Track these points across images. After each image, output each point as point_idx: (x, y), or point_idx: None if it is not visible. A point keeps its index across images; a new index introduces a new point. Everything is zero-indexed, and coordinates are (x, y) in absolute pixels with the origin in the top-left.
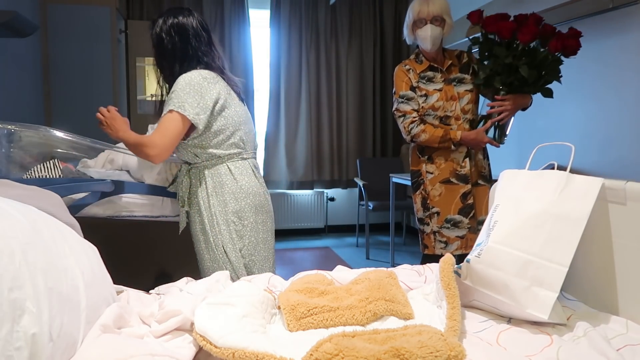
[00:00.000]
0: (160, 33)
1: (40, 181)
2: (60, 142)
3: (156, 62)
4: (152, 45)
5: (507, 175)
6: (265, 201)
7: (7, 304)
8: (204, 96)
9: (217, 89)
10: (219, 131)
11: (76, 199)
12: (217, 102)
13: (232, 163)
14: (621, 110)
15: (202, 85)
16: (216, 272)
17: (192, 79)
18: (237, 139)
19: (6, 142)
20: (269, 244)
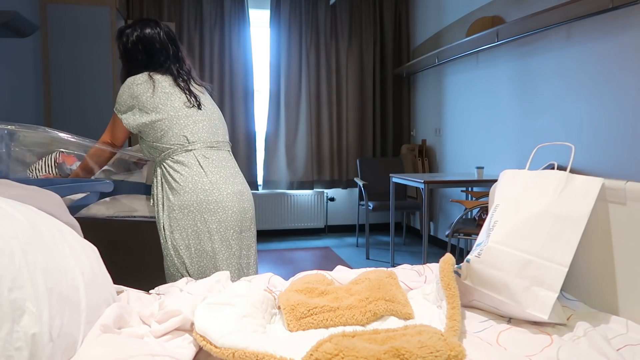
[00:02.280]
0: (127, 44)
1: (40, 181)
2: (60, 142)
3: (123, 72)
4: (119, 56)
5: (507, 175)
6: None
7: (7, 304)
8: (132, 97)
9: (145, 90)
10: (158, 127)
11: (76, 199)
12: (146, 102)
13: (176, 156)
14: (621, 110)
15: (130, 88)
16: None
17: (125, 84)
18: (176, 132)
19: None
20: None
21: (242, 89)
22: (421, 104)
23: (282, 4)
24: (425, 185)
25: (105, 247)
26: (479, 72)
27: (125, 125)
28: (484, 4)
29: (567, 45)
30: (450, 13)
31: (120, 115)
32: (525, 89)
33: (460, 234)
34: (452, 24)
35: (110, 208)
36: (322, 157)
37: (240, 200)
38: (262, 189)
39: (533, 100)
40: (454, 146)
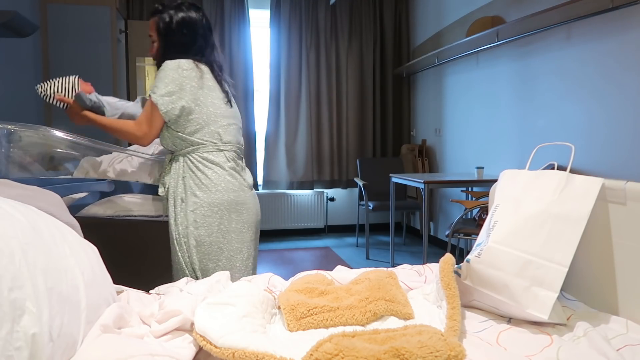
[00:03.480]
0: (171, 24)
1: (40, 181)
2: (60, 142)
3: (160, 52)
4: (159, 33)
5: (507, 175)
6: (228, 198)
7: (7, 304)
8: (175, 82)
9: (192, 79)
10: (193, 119)
11: (76, 199)
12: (193, 90)
13: (204, 153)
14: (621, 110)
15: (175, 73)
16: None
17: (167, 65)
18: (211, 130)
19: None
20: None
21: (242, 89)
22: (421, 104)
23: (282, 4)
24: (425, 185)
25: (105, 247)
26: (479, 72)
27: (164, 112)
28: (484, 4)
29: (567, 45)
30: (450, 13)
31: (158, 100)
32: (525, 89)
33: (460, 234)
34: (452, 24)
35: (110, 208)
36: (322, 157)
37: (257, 202)
38: (262, 189)
39: (533, 100)
40: (454, 146)
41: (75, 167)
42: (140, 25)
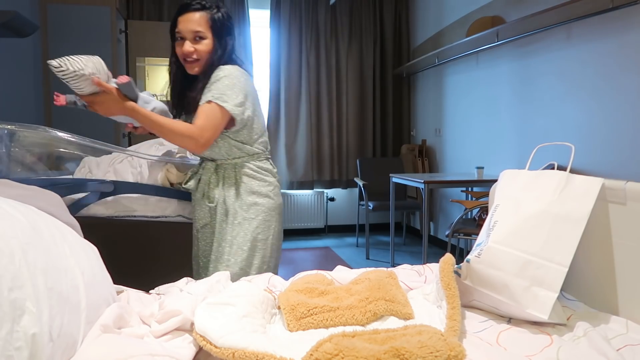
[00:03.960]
0: (226, 22)
1: (40, 181)
2: (60, 142)
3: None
4: (213, 31)
5: (507, 175)
6: (280, 202)
7: (7, 304)
8: (243, 92)
9: (251, 87)
10: (254, 129)
11: (76, 199)
12: (253, 100)
13: (258, 162)
14: (621, 110)
15: (241, 81)
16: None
17: (232, 72)
18: (264, 140)
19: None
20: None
21: None
22: (421, 104)
23: (282, 4)
24: (425, 185)
25: (105, 247)
26: (479, 72)
27: (239, 119)
28: (484, 4)
29: (567, 45)
30: (450, 13)
31: (228, 105)
32: (525, 89)
33: (460, 234)
34: (452, 24)
35: (110, 208)
36: (322, 157)
37: None
38: None
39: (533, 101)
40: (454, 146)
41: (75, 167)
42: (140, 26)
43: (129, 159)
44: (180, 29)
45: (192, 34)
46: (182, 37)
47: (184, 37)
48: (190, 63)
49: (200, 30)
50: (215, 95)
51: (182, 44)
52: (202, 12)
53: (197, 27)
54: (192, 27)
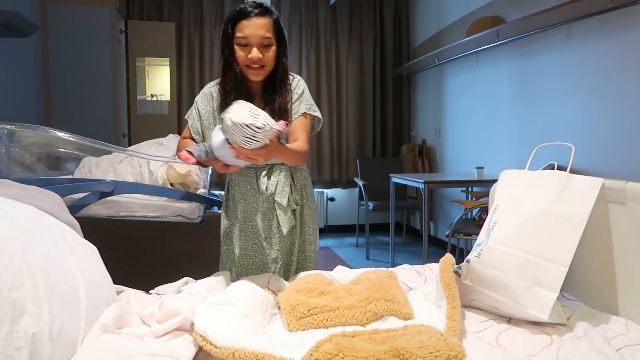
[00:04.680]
0: (281, 24)
1: (40, 181)
2: (60, 142)
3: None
4: (279, 37)
5: (507, 175)
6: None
7: (7, 304)
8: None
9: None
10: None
11: (76, 199)
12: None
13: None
14: (621, 110)
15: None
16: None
17: (303, 83)
18: None
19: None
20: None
21: None
22: (421, 104)
23: (282, 4)
24: (425, 185)
25: (105, 247)
26: (479, 72)
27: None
28: (484, 4)
29: (567, 45)
30: (450, 13)
31: (319, 114)
32: (525, 89)
33: (460, 234)
34: (452, 24)
35: (110, 208)
36: (322, 157)
37: None
38: None
39: (533, 101)
40: (454, 146)
41: (75, 167)
42: (140, 26)
43: (129, 159)
44: (247, 34)
45: (260, 40)
46: (248, 43)
47: (250, 43)
48: (255, 70)
49: (268, 36)
50: (307, 106)
51: (247, 49)
52: (268, 17)
53: (266, 32)
54: (261, 33)
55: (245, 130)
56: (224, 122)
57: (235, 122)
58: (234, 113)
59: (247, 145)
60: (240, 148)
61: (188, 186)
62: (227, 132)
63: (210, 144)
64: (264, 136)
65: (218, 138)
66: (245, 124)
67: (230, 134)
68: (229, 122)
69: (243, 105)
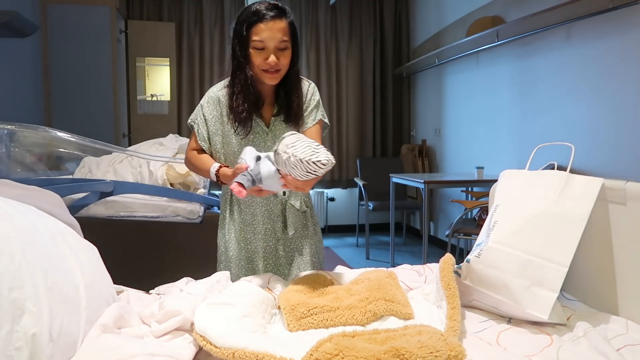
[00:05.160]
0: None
1: (40, 181)
2: (60, 141)
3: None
4: (294, 40)
5: (507, 175)
6: None
7: (7, 304)
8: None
9: None
10: None
11: (76, 199)
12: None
13: None
14: (621, 110)
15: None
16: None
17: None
18: None
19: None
20: None
21: None
22: (421, 104)
23: (282, 4)
24: (425, 185)
25: (105, 247)
26: (479, 72)
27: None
28: (484, 4)
29: (567, 45)
30: (450, 13)
31: (327, 119)
32: (526, 89)
33: (460, 234)
34: (452, 24)
35: (110, 208)
36: None
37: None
38: None
39: (533, 100)
40: (454, 146)
41: (75, 167)
42: (140, 26)
43: (129, 159)
44: (264, 38)
45: (278, 44)
46: (265, 47)
47: (267, 46)
48: (271, 74)
49: (285, 39)
50: (321, 113)
51: (264, 53)
52: (284, 20)
53: (283, 36)
54: (279, 37)
55: (310, 167)
56: (278, 155)
57: (300, 159)
58: (294, 148)
59: (304, 179)
60: (293, 180)
61: (188, 186)
62: (281, 165)
63: (258, 174)
64: (325, 171)
65: (269, 168)
66: (311, 161)
67: (290, 169)
68: (292, 158)
69: (300, 139)
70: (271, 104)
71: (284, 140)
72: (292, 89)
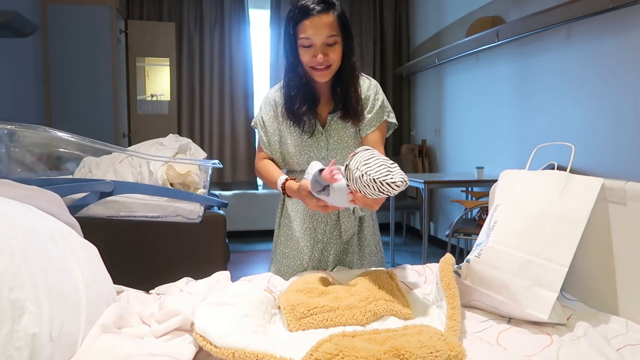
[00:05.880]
0: (345, 16)
1: (40, 181)
2: (60, 142)
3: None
4: (346, 35)
5: (507, 175)
6: None
7: (7, 304)
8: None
9: None
10: None
11: (76, 199)
12: None
13: None
14: (621, 110)
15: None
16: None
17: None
18: None
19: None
20: None
21: (241, 89)
22: (421, 104)
23: (282, 4)
24: (425, 185)
25: (105, 247)
26: (479, 72)
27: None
28: (484, 4)
29: (567, 45)
30: (450, 13)
31: (394, 119)
32: (525, 89)
33: (460, 234)
34: (452, 24)
35: (110, 208)
36: None
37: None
38: (262, 189)
39: (533, 100)
40: (454, 146)
41: (75, 167)
42: (140, 26)
43: (129, 159)
44: (309, 35)
45: (325, 40)
46: (312, 44)
47: (314, 43)
48: (321, 71)
49: (333, 34)
50: (387, 112)
51: (311, 50)
52: (330, 13)
53: (330, 31)
54: (326, 32)
55: (384, 188)
56: (350, 171)
57: (373, 179)
58: (367, 166)
59: (375, 197)
60: (363, 197)
61: (188, 186)
62: (352, 181)
63: (329, 186)
64: (398, 191)
65: (340, 183)
66: (385, 182)
67: (361, 186)
68: (364, 177)
69: (374, 156)
70: (328, 102)
71: (357, 156)
72: (348, 84)
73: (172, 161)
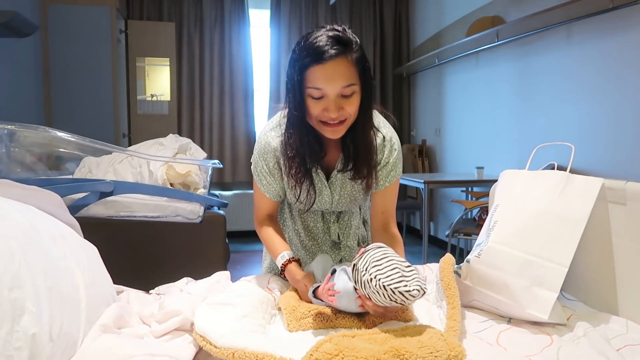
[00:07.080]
0: (365, 56)
1: (40, 181)
2: (60, 142)
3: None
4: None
5: (507, 175)
6: None
7: (7, 304)
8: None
9: None
10: None
11: (76, 199)
12: None
13: None
14: (621, 110)
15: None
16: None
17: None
18: None
19: (6, 142)
20: None
21: (242, 89)
22: (421, 104)
23: (282, 4)
24: (425, 185)
25: (105, 247)
26: (479, 72)
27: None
28: (484, 4)
29: (567, 45)
30: (450, 13)
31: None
32: (526, 89)
33: (460, 234)
34: (452, 24)
35: (110, 208)
36: None
37: None
38: None
39: (533, 100)
40: (454, 146)
41: (75, 167)
42: (140, 26)
43: (129, 159)
44: (321, 85)
45: (340, 91)
46: (324, 95)
47: (326, 94)
48: (333, 127)
49: (351, 82)
50: (398, 172)
51: (322, 102)
52: (348, 56)
53: (348, 80)
54: (342, 82)
55: (396, 297)
56: (358, 272)
57: (384, 285)
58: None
59: (387, 305)
60: (373, 305)
61: (188, 186)
62: (360, 284)
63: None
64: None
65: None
66: (398, 290)
67: (370, 292)
68: (374, 282)
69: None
70: (336, 149)
71: (367, 255)
72: (361, 142)
73: (172, 161)
